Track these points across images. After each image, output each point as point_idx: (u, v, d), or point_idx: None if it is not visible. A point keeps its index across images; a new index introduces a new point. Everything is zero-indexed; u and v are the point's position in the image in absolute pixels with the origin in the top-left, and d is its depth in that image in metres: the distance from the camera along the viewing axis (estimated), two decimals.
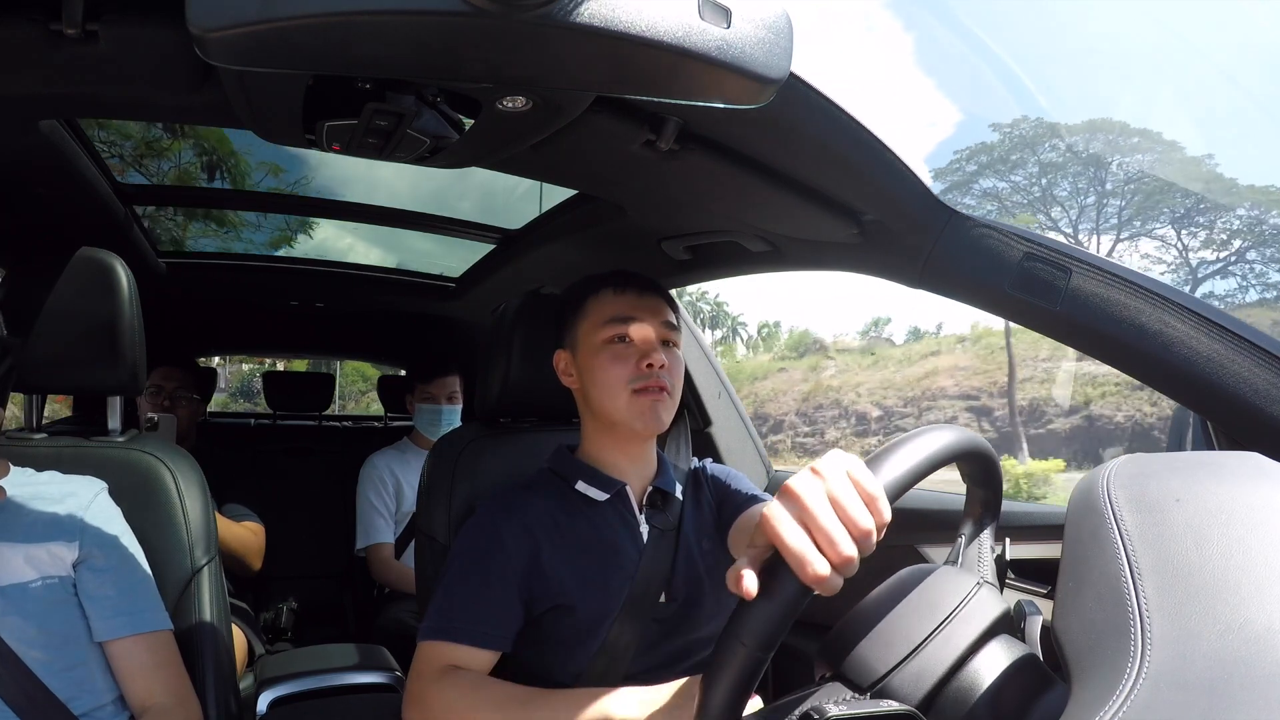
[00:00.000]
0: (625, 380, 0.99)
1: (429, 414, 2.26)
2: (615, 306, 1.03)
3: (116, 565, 0.97)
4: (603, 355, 1.01)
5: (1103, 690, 0.42)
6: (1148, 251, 23.30)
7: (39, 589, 0.91)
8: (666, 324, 1.04)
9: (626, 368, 1.00)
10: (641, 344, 1.01)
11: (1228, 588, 0.43)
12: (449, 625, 0.93)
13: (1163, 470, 0.53)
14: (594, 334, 1.03)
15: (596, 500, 1.03)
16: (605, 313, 1.03)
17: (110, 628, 0.95)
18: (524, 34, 0.52)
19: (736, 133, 0.86)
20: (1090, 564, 0.49)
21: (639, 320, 1.02)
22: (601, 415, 1.03)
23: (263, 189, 1.92)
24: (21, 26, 0.66)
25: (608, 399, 1.01)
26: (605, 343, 1.01)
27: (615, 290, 1.04)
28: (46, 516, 0.95)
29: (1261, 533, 0.45)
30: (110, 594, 0.95)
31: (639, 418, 0.99)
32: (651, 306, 1.03)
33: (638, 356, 1.00)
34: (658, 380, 0.99)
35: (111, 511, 1.01)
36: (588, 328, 1.04)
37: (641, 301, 1.03)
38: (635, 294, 1.04)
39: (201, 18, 0.48)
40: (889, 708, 0.60)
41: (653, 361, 0.99)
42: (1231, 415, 0.79)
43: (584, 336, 1.04)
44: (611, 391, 1.00)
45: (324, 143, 0.77)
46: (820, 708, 0.58)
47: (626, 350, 1.01)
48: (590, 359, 1.03)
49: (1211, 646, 0.41)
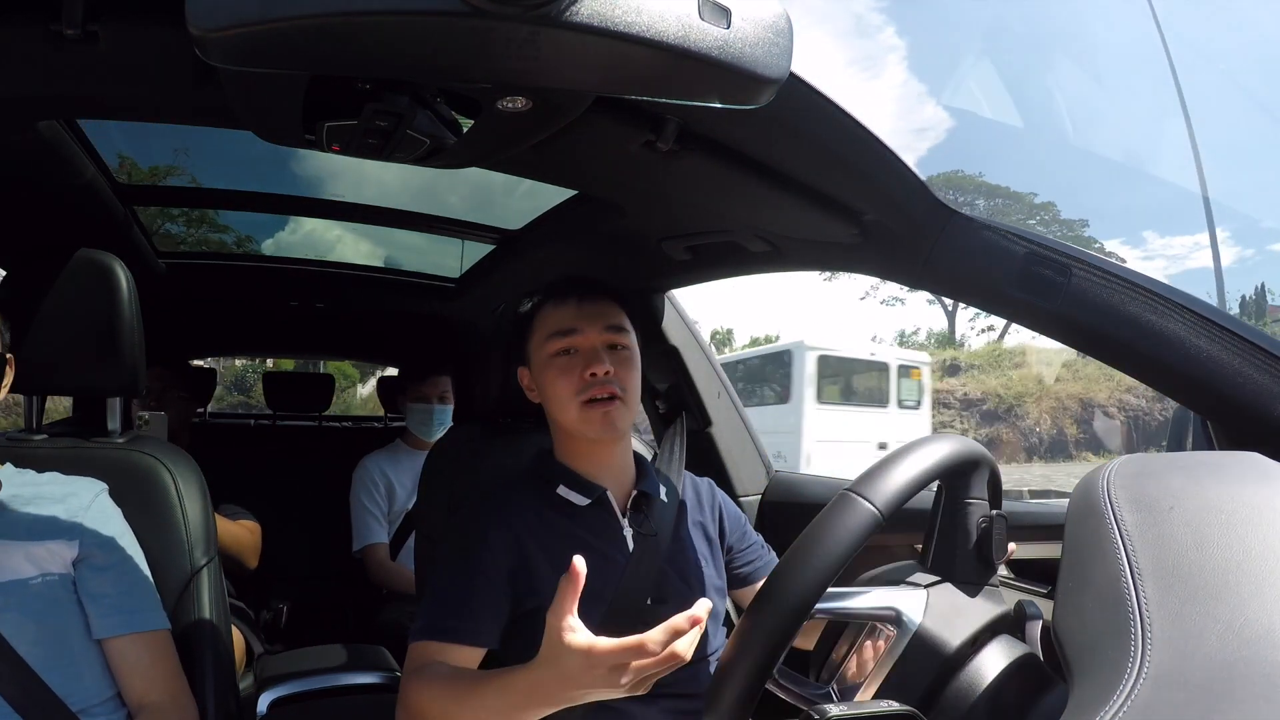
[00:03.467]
0: (573, 392, 0.99)
1: (421, 413, 2.26)
2: (556, 319, 1.03)
3: (116, 564, 0.97)
4: (550, 369, 1.02)
5: (1103, 690, 0.42)
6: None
7: (39, 586, 0.92)
8: (611, 328, 1.03)
9: (573, 379, 0.99)
10: (586, 353, 1.00)
11: (1228, 588, 0.43)
12: (437, 625, 0.93)
13: (1163, 470, 0.53)
14: (542, 348, 1.03)
15: (577, 505, 1.03)
16: (549, 326, 1.03)
17: (108, 625, 0.95)
18: (523, 34, 0.52)
19: (736, 133, 0.86)
20: (1090, 564, 0.49)
21: (580, 330, 1.01)
22: (561, 428, 1.04)
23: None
24: (21, 27, 0.65)
25: (560, 412, 1.02)
26: (551, 356, 1.02)
27: (555, 302, 1.04)
28: (47, 515, 0.95)
29: (1261, 533, 0.45)
30: (109, 592, 0.96)
31: (591, 427, 0.99)
32: (593, 313, 1.02)
33: (582, 366, 0.99)
34: (605, 388, 0.99)
35: (111, 512, 1.01)
36: (537, 342, 1.04)
37: (582, 310, 1.02)
38: (575, 303, 1.03)
39: (201, 18, 0.48)
40: (889, 708, 0.60)
41: (595, 370, 0.98)
42: (1231, 415, 0.79)
43: (534, 351, 1.05)
44: (562, 404, 1.01)
45: (324, 143, 0.77)
46: (820, 708, 0.58)
47: (572, 361, 1.01)
48: (541, 374, 1.03)
49: (1212, 646, 0.41)
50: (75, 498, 0.99)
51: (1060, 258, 0.86)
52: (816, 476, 1.66)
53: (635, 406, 1.04)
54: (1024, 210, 24.88)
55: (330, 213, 1.78)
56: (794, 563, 0.64)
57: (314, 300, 2.31)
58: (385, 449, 2.33)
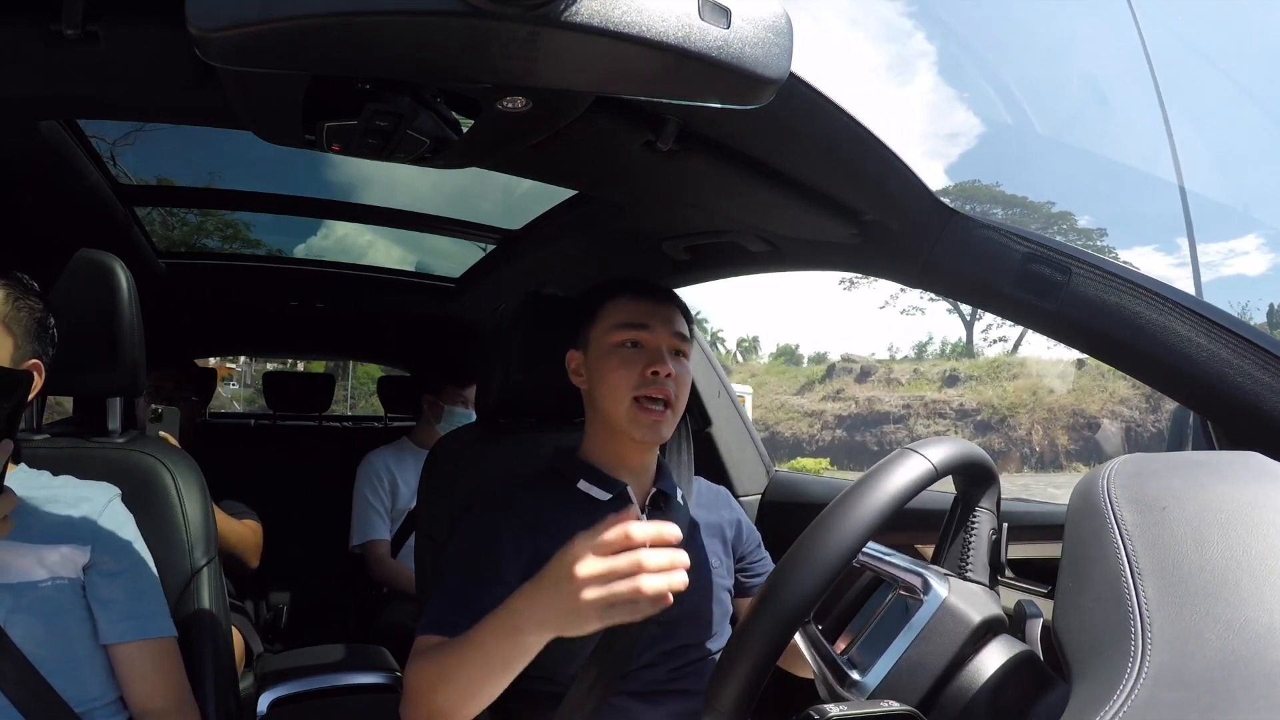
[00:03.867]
0: (631, 385, 1.00)
1: (461, 417, 2.25)
2: (629, 312, 1.04)
3: (126, 571, 0.98)
4: (612, 358, 1.02)
5: (1103, 690, 0.42)
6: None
7: (48, 589, 0.92)
8: (678, 334, 1.04)
9: (633, 373, 1.00)
10: (651, 351, 1.01)
11: (1228, 587, 0.43)
12: (444, 620, 0.93)
13: (1163, 470, 0.53)
14: (606, 336, 1.03)
15: (598, 500, 1.03)
16: (619, 316, 1.03)
17: (116, 631, 0.95)
18: (523, 34, 0.52)
19: (736, 133, 0.86)
20: (1090, 564, 0.49)
21: (651, 327, 1.02)
22: (605, 419, 1.04)
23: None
24: (21, 27, 0.65)
25: (612, 403, 1.02)
26: (616, 345, 1.02)
27: (631, 295, 1.05)
28: (60, 520, 0.95)
29: (1261, 533, 0.45)
30: (119, 599, 0.96)
31: (639, 429, 1.00)
32: (665, 315, 1.04)
33: (645, 363, 1.00)
34: (662, 389, 1.00)
35: (124, 518, 1.01)
36: (601, 330, 1.04)
37: (656, 309, 1.04)
38: (651, 301, 1.04)
39: (201, 18, 0.48)
40: (889, 708, 0.60)
41: (659, 369, 0.99)
42: (1231, 415, 0.79)
43: (596, 338, 1.05)
44: (616, 395, 1.01)
45: (324, 143, 0.77)
46: (821, 708, 0.58)
47: (635, 355, 1.01)
48: (599, 361, 1.03)
49: (1212, 646, 0.41)
50: (89, 502, 0.99)
51: (1060, 258, 0.86)
52: (817, 477, 1.66)
53: (679, 417, 1.05)
54: (1041, 220, 25.03)
55: (331, 213, 1.78)
56: (794, 563, 0.64)
57: (314, 300, 2.31)
58: (391, 446, 2.32)
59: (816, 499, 1.53)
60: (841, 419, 23.36)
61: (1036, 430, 20.18)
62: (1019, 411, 20.54)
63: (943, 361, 25.78)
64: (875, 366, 25.61)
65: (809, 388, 25.42)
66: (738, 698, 0.62)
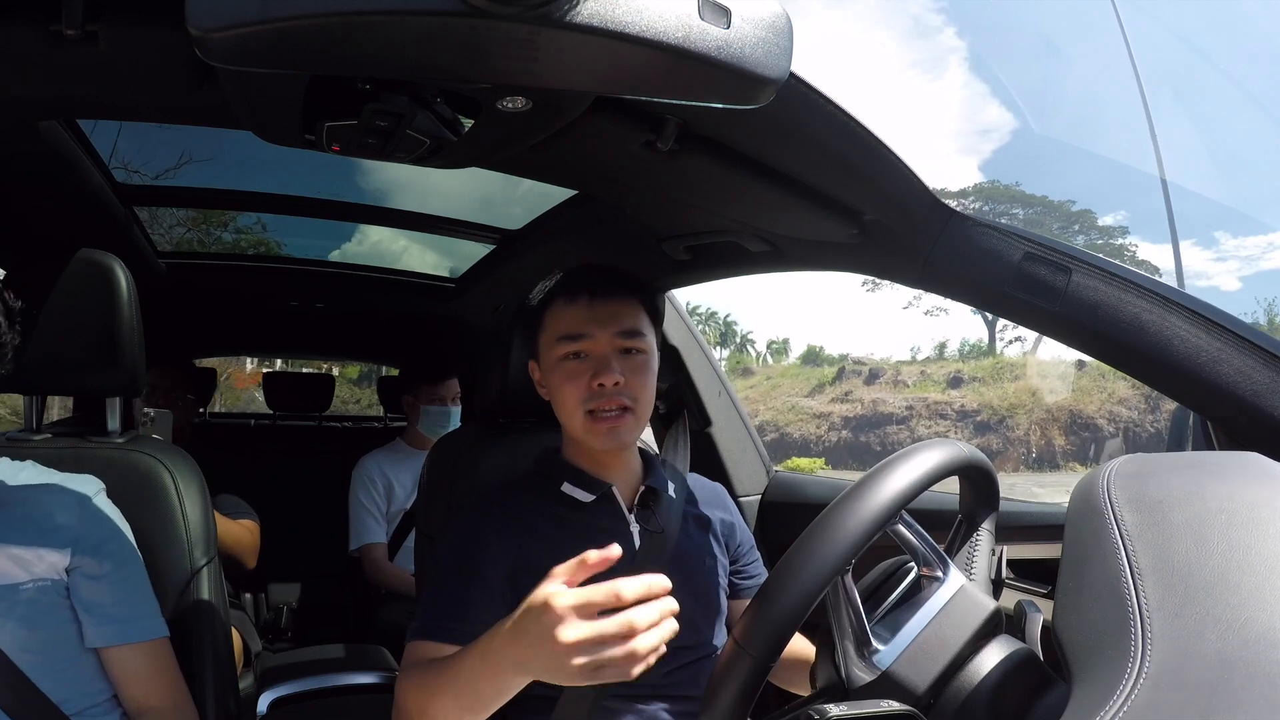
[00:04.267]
0: (579, 400, 0.95)
1: (437, 415, 2.26)
2: (567, 320, 0.97)
3: (109, 572, 0.95)
4: (558, 373, 0.97)
5: (1103, 690, 0.42)
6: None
7: (30, 591, 0.90)
8: (624, 333, 0.97)
9: (580, 386, 0.95)
10: (596, 360, 0.95)
11: (1228, 587, 0.43)
12: (435, 625, 0.92)
13: (1163, 470, 0.53)
14: (550, 350, 0.98)
15: (584, 502, 1.01)
16: (559, 327, 0.97)
17: (102, 635, 0.93)
18: (523, 34, 0.52)
19: (736, 133, 0.86)
20: (1090, 564, 0.49)
21: (591, 334, 0.96)
22: (566, 430, 1.02)
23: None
24: (21, 27, 0.65)
25: (565, 417, 0.99)
26: (559, 359, 0.97)
27: (566, 299, 0.98)
28: (39, 519, 0.93)
29: (1261, 533, 0.45)
30: (103, 601, 0.93)
31: (596, 439, 0.96)
32: (606, 315, 0.96)
33: (591, 374, 0.94)
34: (614, 400, 0.94)
35: (105, 515, 0.98)
36: (545, 341, 0.99)
37: (594, 312, 0.96)
38: (586, 303, 0.97)
39: (201, 18, 0.48)
40: (889, 708, 0.60)
41: (604, 381, 0.94)
42: (1231, 415, 0.79)
43: (543, 350, 1.00)
44: (568, 411, 0.97)
45: (324, 143, 0.77)
46: (821, 708, 0.58)
47: (580, 367, 0.95)
48: (549, 375, 0.99)
49: (1212, 646, 0.41)
50: (68, 501, 0.96)
51: (1060, 258, 0.86)
52: (817, 477, 1.66)
53: (647, 415, 0.99)
54: (1061, 218, 25.02)
55: (331, 213, 1.78)
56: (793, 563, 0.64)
57: (313, 300, 2.31)
58: (385, 448, 2.33)
59: (816, 499, 1.53)
60: (848, 420, 23.55)
61: (1034, 431, 20.25)
62: (1017, 412, 20.63)
63: (950, 363, 25.92)
64: (883, 368, 25.79)
65: (820, 390, 25.64)
66: (735, 700, 0.62)
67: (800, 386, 26.52)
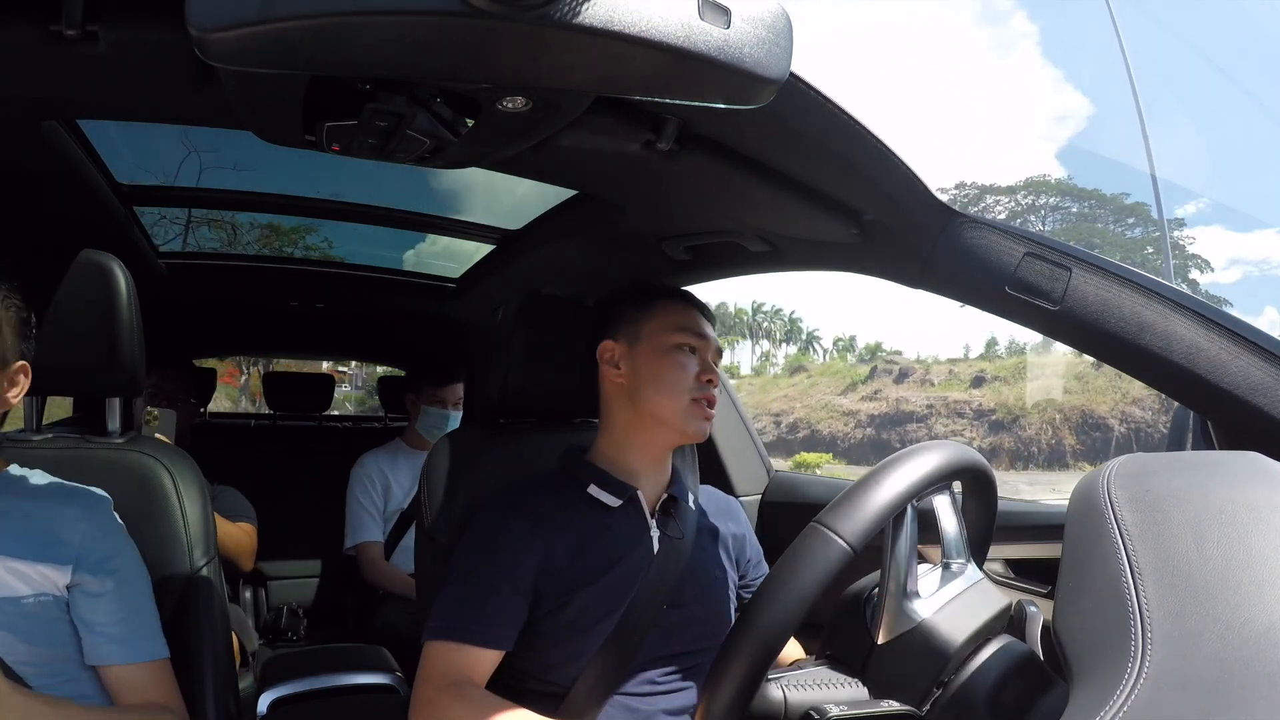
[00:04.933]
0: (689, 386, 1.03)
1: (436, 418, 2.25)
2: (689, 318, 1.07)
3: (110, 590, 0.92)
4: (670, 358, 1.04)
5: (1103, 690, 0.42)
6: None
7: (32, 605, 0.88)
8: (718, 350, 1.10)
9: (689, 376, 1.04)
10: (704, 359, 1.06)
11: (1228, 587, 0.43)
12: (457, 626, 0.92)
13: (1163, 470, 0.53)
14: (664, 335, 1.05)
15: (608, 505, 1.03)
16: (678, 319, 1.07)
17: (101, 655, 0.92)
18: (523, 34, 0.52)
19: (736, 133, 0.86)
20: (1090, 564, 0.49)
21: (707, 337, 1.07)
22: (651, 414, 1.04)
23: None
24: (21, 27, 0.65)
25: (668, 399, 1.03)
26: (675, 346, 1.05)
27: (687, 303, 1.10)
28: (41, 533, 0.91)
29: (1261, 533, 0.45)
30: (102, 621, 0.91)
31: (693, 424, 1.03)
32: (711, 330, 1.10)
33: (701, 369, 1.05)
34: (711, 396, 1.05)
35: (108, 531, 0.96)
36: (656, 327, 1.06)
37: (706, 322, 1.10)
38: (701, 314, 1.10)
39: (201, 18, 0.48)
40: (889, 708, 0.60)
41: (712, 378, 1.05)
42: (1231, 415, 0.79)
43: (650, 334, 1.06)
44: (674, 393, 1.03)
45: (324, 143, 0.77)
46: (821, 708, 0.58)
47: (691, 360, 1.05)
48: (655, 358, 1.05)
49: (1212, 646, 0.41)
50: (73, 516, 0.93)
51: (1060, 257, 0.86)
52: (816, 477, 1.66)
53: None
54: (1115, 212, 24.96)
55: (331, 214, 1.78)
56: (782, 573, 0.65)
57: (314, 300, 2.31)
58: (384, 448, 2.33)
59: (816, 500, 1.53)
60: (873, 418, 23.94)
61: (1045, 430, 20.32)
62: (1031, 412, 20.74)
63: (977, 363, 26.18)
64: (914, 367, 26.08)
65: (852, 388, 26.01)
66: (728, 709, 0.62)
67: (836, 385, 26.96)
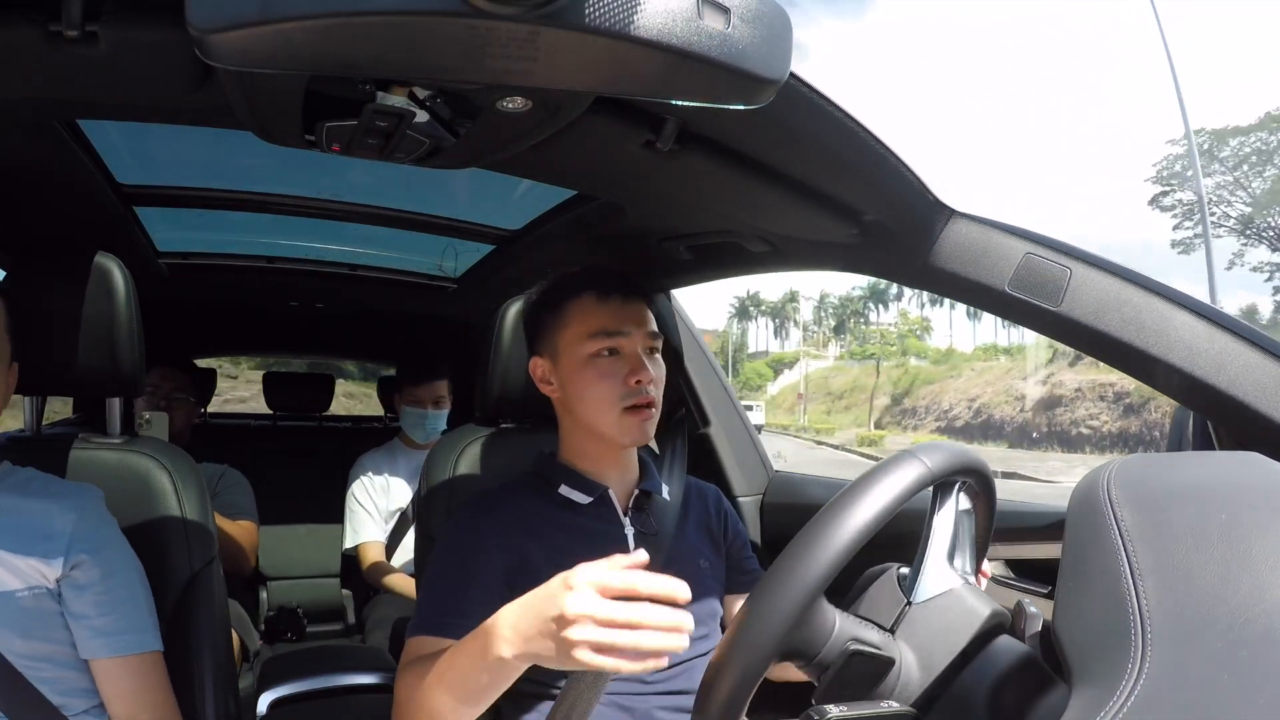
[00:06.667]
0: (616, 397, 0.97)
1: (414, 417, 2.26)
2: (600, 318, 0.98)
3: (99, 583, 0.93)
4: (589, 370, 0.98)
5: (1103, 690, 0.42)
6: None
7: (27, 598, 0.89)
8: (650, 334, 1.01)
9: (615, 384, 0.97)
10: (630, 358, 0.98)
11: (1228, 588, 0.43)
12: (434, 620, 0.92)
13: (1163, 470, 0.53)
14: (578, 346, 0.98)
15: (579, 504, 1.02)
16: (590, 324, 0.98)
17: (93, 648, 0.92)
18: (523, 34, 0.52)
19: (736, 133, 0.86)
20: (1090, 564, 0.49)
21: (626, 333, 0.98)
22: (589, 427, 1.01)
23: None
24: (21, 27, 0.65)
25: (596, 414, 0.99)
26: (591, 357, 0.98)
27: (599, 297, 0.99)
28: (32, 528, 0.91)
29: (1261, 533, 0.45)
30: (91, 614, 0.92)
31: (627, 434, 0.98)
32: (637, 316, 1.00)
33: (626, 371, 0.97)
34: (646, 396, 0.97)
35: (98, 525, 0.96)
36: (570, 337, 0.99)
37: (626, 311, 0.99)
38: (619, 302, 0.99)
39: (201, 18, 0.48)
40: (889, 708, 0.60)
41: (641, 379, 0.96)
42: (1231, 415, 0.79)
43: (566, 347, 1.00)
44: (600, 407, 0.98)
45: (324, 143, 0.77)
46: (820, 708, 0.58)
47: (614, 364, 0.97)
48: (575, 372, 0.99)
49: (1212, 646, 0.41)
50: (64, 510, 0.93)
51: (1060, 257, 0.86)
52: (817, 477, 1.66)
53: (660, 412, 1.02)
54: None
55: (331, 214, 1.77)
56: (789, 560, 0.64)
57: (314, 301, 2.31)
58: (382, 448, 2.33)
59: (816, 500, 1.53)
60: (1035, 402, 24.42)
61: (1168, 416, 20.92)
62: (1159, 395, 21.20)
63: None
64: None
65: (1034, 373, 26.68)
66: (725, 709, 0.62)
67: (1021, 368, 27.68)
